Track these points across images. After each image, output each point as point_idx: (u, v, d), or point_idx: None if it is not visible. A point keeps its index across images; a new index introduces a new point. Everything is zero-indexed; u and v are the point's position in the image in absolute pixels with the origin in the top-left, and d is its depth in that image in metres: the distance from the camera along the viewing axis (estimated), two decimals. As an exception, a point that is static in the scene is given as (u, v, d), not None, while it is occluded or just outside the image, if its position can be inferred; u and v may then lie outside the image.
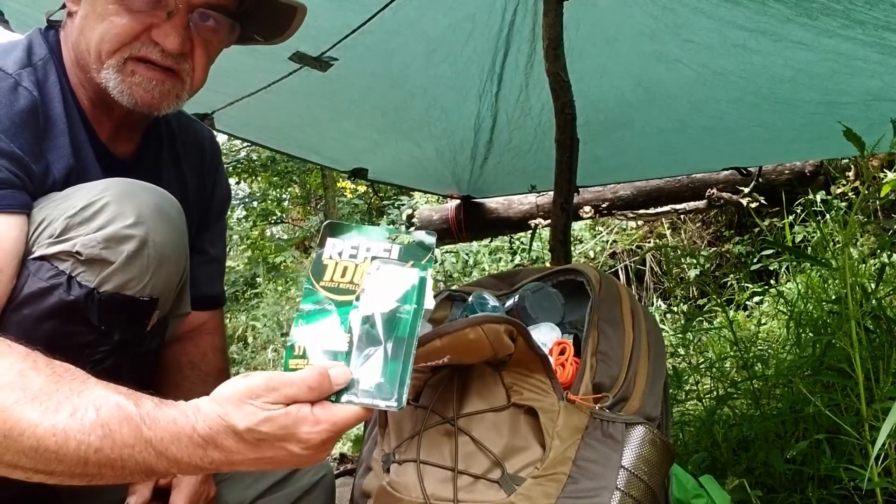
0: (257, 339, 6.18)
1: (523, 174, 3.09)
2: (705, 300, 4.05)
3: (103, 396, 0.76)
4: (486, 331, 0.94)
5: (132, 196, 0.94)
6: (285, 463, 0.77)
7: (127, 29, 1.01)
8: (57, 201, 0.96)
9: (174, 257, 0.99)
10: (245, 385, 0.75)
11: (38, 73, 1.02)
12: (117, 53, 1.02)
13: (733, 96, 2.26)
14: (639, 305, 1.16)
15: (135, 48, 1.02)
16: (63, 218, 0.92)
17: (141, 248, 0.93)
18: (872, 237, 3.62)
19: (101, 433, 0.75)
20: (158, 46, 1.02)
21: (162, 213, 0.96)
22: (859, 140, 1.23)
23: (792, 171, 3.65)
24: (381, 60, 2.29)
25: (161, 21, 1.02)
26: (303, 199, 9.58)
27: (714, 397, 1.97)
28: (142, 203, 0.94)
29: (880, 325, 1.53)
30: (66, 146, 1.02)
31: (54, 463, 0.75)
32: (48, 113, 1.01)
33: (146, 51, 1.02)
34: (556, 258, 2.04)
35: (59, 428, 0.74)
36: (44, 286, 0.90)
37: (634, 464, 0.96)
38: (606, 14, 1.97)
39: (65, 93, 1.05)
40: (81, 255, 0.90)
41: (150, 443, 0.74)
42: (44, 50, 1.05)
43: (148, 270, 0.94)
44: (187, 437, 0.74)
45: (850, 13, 1.57)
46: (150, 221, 0.94)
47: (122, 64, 1.02)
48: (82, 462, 0.75)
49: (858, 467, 1.21)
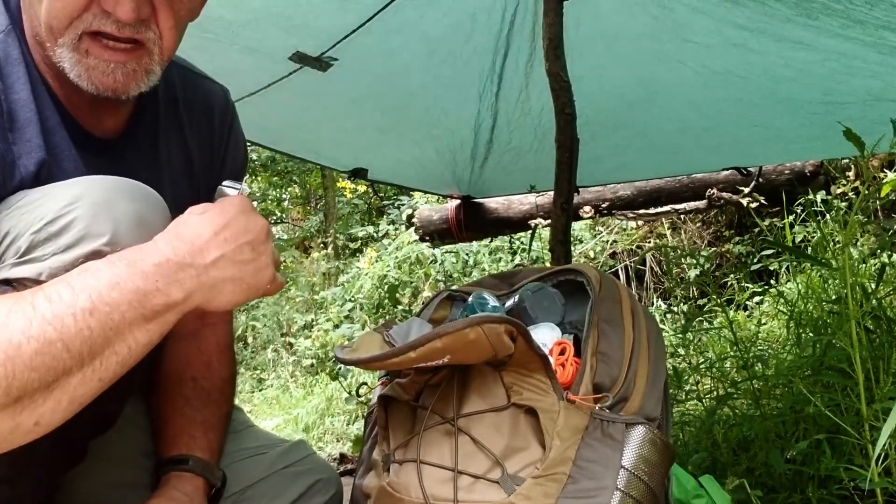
0: (257, 339, 6.19)
1: (523, 174, 3.09)
2: (705, 300, 4.05)
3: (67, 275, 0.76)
4: (486, 331, 0.94)
5: (107, 206, 0.83)
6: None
7: (75, 3, 0.86)
8: (24, 208, 0.84)
9: None
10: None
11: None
12: (69, 29, 0.87)
13: (733, 96, 2.26)
14: (639, 305, 1.16)
15: (86, 21, 0.87)
16: (28, 233, 0.81)
17: None
18: (872, 237, 3.62)
19: (85, 295, 0.73)
20: (112, 16, 0.87)
21: (143, 225, 0.85)
22: (859, 140, 1.23)
23: (792, 171, 3.65)
24: (381, 60, 2.29)
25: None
26: (303, 199, 9.58)
27: (714, 397, 1.97)
28: (118, 214, 0.83)
29: (880, 325, 1.53)
30: (36, 136, 0.89)
31: (64, 356, 0.71)
32: (11, 98, 0.88)
33: (99, 23, 0.87)
34: (556, 258, 2.04)
35: (47, 316, 0.71)
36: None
37: (634, 464, 0.95)
38: (606, 14, 1.97)
39: (30, 70, 0.90)
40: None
41: (129, 267, 0.76)
42: (4, 20, 0.90)
43: None
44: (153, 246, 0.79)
45: (850, 13, 1.57)
46: (126, 238, 0.82)
47: (77, 41, 0.88)
48: (87, 337, 0.72)
49: (859, 467, 1.21)
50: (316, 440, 3.90)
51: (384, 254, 5.71)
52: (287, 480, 1.15)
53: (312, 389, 4.82)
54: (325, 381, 4.92)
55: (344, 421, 4.09)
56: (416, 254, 5.28)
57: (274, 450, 1.19)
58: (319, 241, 8.02)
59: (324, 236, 8.10)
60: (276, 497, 1.14)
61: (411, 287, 5.28)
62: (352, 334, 5.06)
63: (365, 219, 8.12)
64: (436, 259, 5.22)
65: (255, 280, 0.85)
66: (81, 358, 0.72)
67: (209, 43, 2.02)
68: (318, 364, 5.36)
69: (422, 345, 0.92)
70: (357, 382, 4.20)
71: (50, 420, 0.73)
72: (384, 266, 5.40)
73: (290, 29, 2.04)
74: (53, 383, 0.71)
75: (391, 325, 1.12)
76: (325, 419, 4.20)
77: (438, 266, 5.21)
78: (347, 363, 1.00)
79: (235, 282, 0.84)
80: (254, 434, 1.24)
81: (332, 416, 4.21)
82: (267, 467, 1.16)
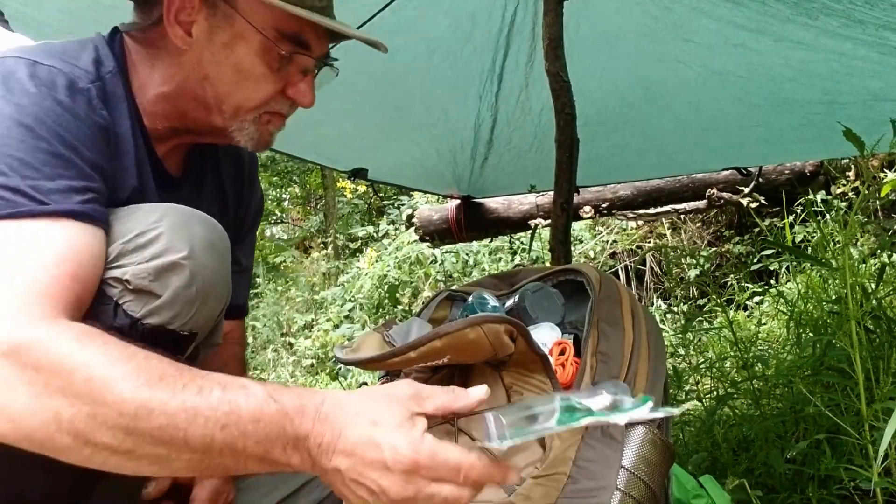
0: (257, 339, 6.18)
1: (523, 174, 3.09)
2: (705, 300, 4.05)
3: (227, 378, 0.76)
4: (486, 331, 0.94)
5: (186, 228, 0.94)
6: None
7: (273, 89, 1.06)
8: (114, 223, 0.94)
9: (219, 293, 1.00)
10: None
11: (106, 87, 1.00)
12: (256, 109, 1.06)
13: (733, 96, 2.26)
14: (639, 305, 1.16)
15: (272, 105, 1.07)
16: (118, 242, 0.92)
17: (189, 285, 0.93)
18: (872, 237, 3.62)
19: (228, 409, 0.73)
20: (289, 101, 1.08)
21: (213, 248, 0.97)
22: (859, 140, 1.23)
23: (792, 171, 3.65)
24: (381, 60, 2.29)
25: (297, 80, 1.07)
26: (303, 199, 9.58)
27: (714, 397, 1.97)
28: (195, 236, 0.94)
29: (880, 325, 1.53)
30: (132, 166, 1.02)
31: (181, 445, 0.73)
32: (116, 131, 1.00)
33: (280, 106, 1.08)
34: (556, 258, 2.04)
35: (188, 405, 0.72)
36: (91, 309, 0.88)
37: (634, 464, 0.95)
38: (606, 14, 1.97)
39: (131, 111, 1.04)
40: (131, 283, 0.90)
41: (279, 413, 0.74)
42: (112, 63, 1.03)
43: (193, 307, 0.94)
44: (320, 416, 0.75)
45: (850, 13, 1.57)
46: (200, 256, 0.94)
47: (259, 117, 1.07)
48: (207, 444, 0.73)
49: (858, 467, 1.21)
50: (316, 440, 3.90)
51: (384, 254, 5.71)
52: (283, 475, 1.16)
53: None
54: (325, 381, 4.92)
55: (344, 421, 4.08)
56: (416, 254, 5.28)
57: None
58: (319, 241, 8.02)
59: (324, 236, 8.11)
60: (272, 491, 1.14)
61: (411, 287, 5.28)
62: (352, 334, 5.05)
63: (365, 219, 8.12)
64: (436, 259, 5.22)
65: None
66: (193, 453, 0.74)
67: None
68: (318, 364, 5.36)
69: (422, 345, 0.92)
70: (357, 382, 4.20)
71: (111, 467, 0.76)
72: (384, 266, 5.40)
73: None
74: (163, 457, 0.74)
75: (391, 325, 1.12)
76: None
77: (438, 266, 5.21)
78: (347, 363, 1.00)
79: (343, 492, 0.78)
80: None
81: (332, 416, 4.20)
82: None
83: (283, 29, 1.02)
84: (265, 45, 1.02)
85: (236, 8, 1.01)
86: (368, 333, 1.11)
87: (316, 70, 1.10)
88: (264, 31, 1.01)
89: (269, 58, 1.03)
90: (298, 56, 1.05)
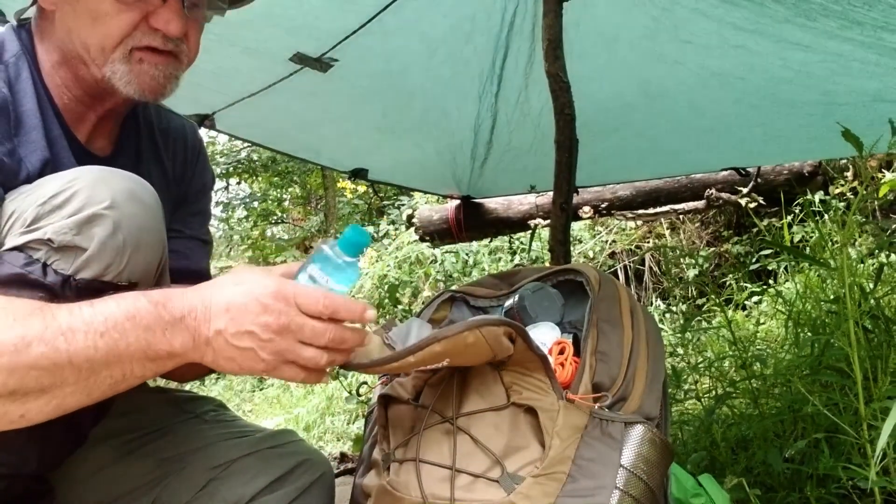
0: (257, 339, 6.19)
1: (523, 174, 3.10)
2: (704, 300, 4.06)
3: (97, 300, 0.82)
4: (484, 334, 0.94)
5: (103, 181, 0.93)
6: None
7: (127, 21, 1.02)
8: (27, 192, 0.94)
9: (150, 240, 0.97)
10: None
11: (9, 70, 1.02)
12: (121, 46, 1.03)
13: (732, 97, 2.27)
14: (638, 305, 1.16)
15: (136, 38, 1.03)
16: (34, 207, 0.90)
17: (115, 233, 0.91)
18: (871, 237, 3.63)
19: (102, 318, 0.79)
20: (159, 32, 1.04)
21: (135, 197, 0.95)
22: (857, 140, 1.24)
23: (791, 172, 3.66)
24: (381, 61, 2.30)
25: (157, 7, 1.03)
26: (303, 200, 9.58)
27: (713, 397, 1.97)
28: (114, 187, 0.93)
29: (878, 325, 1.54)
30: (40, 139, 1.01)
31: (65, 366, 0.77)
32: (19, 109, 1.01)
33: (148, 39, 1.04)
34: (556, 258, 2.05)
35: (63, 326, 0.78)
36: (18, 273, 0.88)
37: (633, 463, 0.96)
38: (606, 14, 1.97)
39: (38, 90, 1.04)
40: (54, 242, 0.88)
41: (150, 305, 0.81)
42: (15, 47, 1.05)
43: (124, 255, 0.92)
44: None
45: (848, 14, 1.58)
46: (123, 206, 0.92)
47: (128, 54, 1.04)
48: (90, 356, 0.78)
49: (857, 466, 1.22)
50: (316, 439, 3.91)
51: (384, 254, 5.71)
52: (270, 459, 1.14)
53: (313, 389, 4.81)
54: (324, 380, 4.92)
55: (344, 420, 4.09)
56: (416, 254, 5.28)
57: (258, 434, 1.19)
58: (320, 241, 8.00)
59: (324, 236, 8.10)
60: (258, 475, 1.12)
61: (411, 287, 5.28)
62: (351, 334, 5.04)
63: (365, 219, 8.12)
64: (436, 259, 5.22)
65: (248, 367, 0.87)
66: (80, 372, 0.79)
67: (210, 44, 2.00)
68: (318, 364, 5.35)
69: (421, 349, 0.92)
70: (357, 382, 4.20)
71: (34, 417, 0.80)
72: (384, 266, 5.40)
73: (290, 30, 2.04)
74: (48, 387, 0.79)
75: (391, 326, 1.13)
76: (326, 418, 4.20)
77: (438, 266, 5.21)
78: (346, 367, 1.01)
79: (228, 360, 0.87)
80: (240, 423, 1.24)
81: (332, 415, 4.21)
82: (249, 446, 1.15)
83: None
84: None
85: None
86: (368, 335, 1.11)
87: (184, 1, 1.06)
88: None
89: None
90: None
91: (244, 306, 0.84)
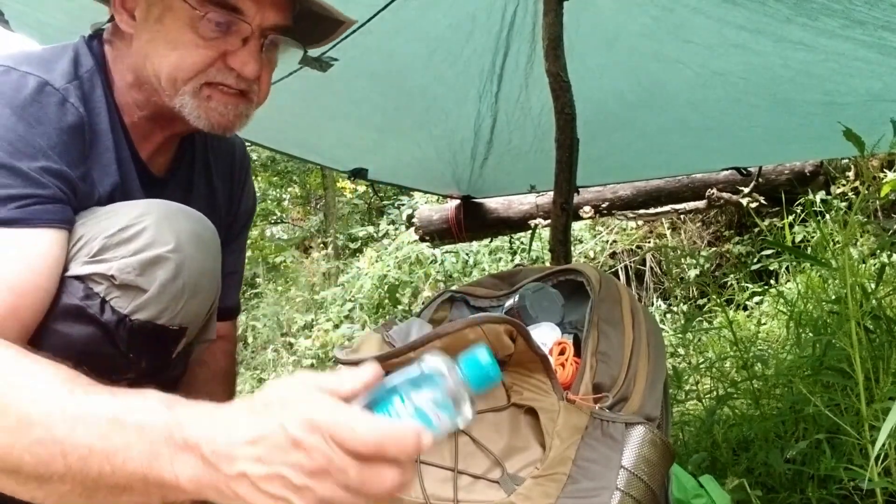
0: (257, 339, 6.18)
1: (523, 174, 3.09)
2: (705, 300, 4.05)
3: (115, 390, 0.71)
4: (485, 331, 0.94)
5: (171, 221, 0.94)
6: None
7: (204, 58, 1.02)
8: (97, 219, 0.95)
9: (208, 286, 0.99)
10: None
11: (84, 86, 1.01)
12: (193, 80, 1.03)
13: (733, 96, 2.26)
14: (639, 305, 1.16)
15: (210, 74, 1.03)
16: (101, 237, 0.92)
17: (176, 278, 0.92)
18: (872, 237, 3.62)
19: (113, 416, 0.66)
20: (234, 72, 1.04)
21: (199, 241, 0.96)
22: (859, 140, 1.24)
23: (792, 172, 3.65)
24: (381, 60, 2.29)
25: (236, 48, 1.03)
26: (303, 199, 9.57)
27: (714, 397, 1.97)
28: (180, 229, 0.94)
29: (880, 325, 1.53)
30: (112, 163, 1.02)
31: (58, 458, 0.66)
32: (94, 129, 1.01)
33: (222, 77, 1.04)
34: (556, 258, 2.04)
35: (68, 413, 0.67)
36: (77, 305, 0.89)
37: (634, 464, 0.96)
38: (606, 14, 1.97)
39: (110, 108, 1.04)
40: (116, 279, 0.89)
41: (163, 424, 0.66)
42: (90, 61, 1.04)
43: (181, 300, 0.93)
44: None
45: (849, 13, 1.57)
46: (187, 248, 0.93)
47: (198, 89, 1.03)
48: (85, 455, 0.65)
49: (858, 467, 1.21)
50: (316, 440, 3.90)
51: (384, 254, 5.71)
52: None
53: (312, 389, 4.81)
54: (325, 381, 4.91)
55: (344, 421, 4.08)
56: (416, 254, 5.28)
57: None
58: (319, 241, 8.02)
59: (324, 236, 8.10)
60: None
61: (411, 287, 5.28)
62: (352, 334, 5.05)
63: (365, 219, 8.12)
64: (436, 259, 5.22)
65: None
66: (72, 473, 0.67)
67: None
68: (319, 364, 5.36)
69: (422, 345, 0.92)
70: (357, 382, 4.19)
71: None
72: (384, 266, 5.40)
73: (290, 29, 2.04)
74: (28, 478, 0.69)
75: (391, 326, 1.12)
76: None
77: (438, 266, 5.21)
78: (347, 364, 1.00)
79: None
80: None
81: (332, 415, 4.20)
82: None
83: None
84: (190, 13, 1.00)
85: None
86: (368, 334, 1.11)
87: (263, 40, 1.05)
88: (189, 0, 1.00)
89: (197, 25, 1.00)
90: (236, 24, 1.01)
91: (272, 440, 0.63)
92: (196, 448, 0.64)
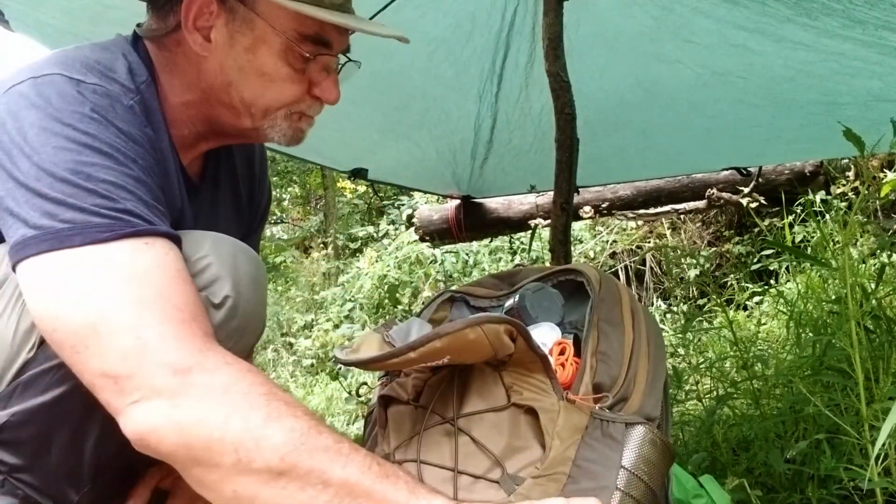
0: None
1: (523, 174, 3.09)
2: (705, 300, 4.05)
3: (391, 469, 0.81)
4: (485, 331, 0.94)
5: (233, 262, 0.97)
6: None
7: (298, 90, 1.06)
8: None
9: (257, 327, 1.01)
10: None
11: (144, 101, 1.00)
12: (283, 109, 1.07)
13: (733, 96, 2.27)
14: (639, 305, 1.16)
15: (299, 106, 1.08)
16: None
17: (232, 318, 0.94)
18: (872, 237, 3.62)
19: (361, 478, 0.78)
20: (318, 101, 1.09)
21: (255, 284, 0.99)
22: (859, 140, 1.23)
23: (792, 172, 3.66)
24: (381, 60, 2.29)
25: (322, 79, 1.08)
26: (303, 199, 9.58)
27: (714, 397, 1.97)
28: (240, 271, 0.97)
29: (880, 325, 1.53)
30: (177, 185, 1.05)
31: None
32: (160, 147, 1.01)
33: (312, 111, 1.11)
34: (556, 258, 2.04)
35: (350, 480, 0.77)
36: None
37: (634, 464, 0.95)
38: (606, 14, 1.97)
39: (165, 122, 1.04)
40: None
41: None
42: (143, 71, 1.02)
43: (232, 339, 0.95)
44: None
45: (850, 13, 1.58)
46: (244, 292, 0.96)
47: (290, 114, 1.08)
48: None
49: (858, 467, 1.21)
50: (316, 440, 3.89)
51: (384, 254, 5.71)
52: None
53: (312, 389, 4.81)
54: (325, 381, 4.92)
55: (344, 421, 4.09)
56: (416, 254, 5.28)
57: None
58: (319, 241, 8.02)
59: (324, 236, 8.10)
60: None
61: (411, 287, 5.28)
62: (352, 334, 5.06)
63: (365, 219, 8.12)
64: (436, 259, 5.22)
65: None
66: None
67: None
68: (318, 364, 5.36)
69: (422, 345, 0.92)
70: (357, 382, 4.20)
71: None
72: (384, 266, 5.40)
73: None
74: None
75: (391, 325, 1.12)
76: (326, 419, 4.19)
77: (438, 266, 5.21)
78: (347, 364, 1.00)
79: None
80: None
81: (332, 416, 4.21)
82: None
83: (304, 30, 1.02)
84: (287, 48, 1.02)
85: (256, 11, 1.00)
86: (368, 334, 1.11)
87: (339, 67, 1.10)
88: (286, 34, 1.01)
89: (292, 59, 1.03)
90: (327, 58, 1.06)
91: None
92: None
